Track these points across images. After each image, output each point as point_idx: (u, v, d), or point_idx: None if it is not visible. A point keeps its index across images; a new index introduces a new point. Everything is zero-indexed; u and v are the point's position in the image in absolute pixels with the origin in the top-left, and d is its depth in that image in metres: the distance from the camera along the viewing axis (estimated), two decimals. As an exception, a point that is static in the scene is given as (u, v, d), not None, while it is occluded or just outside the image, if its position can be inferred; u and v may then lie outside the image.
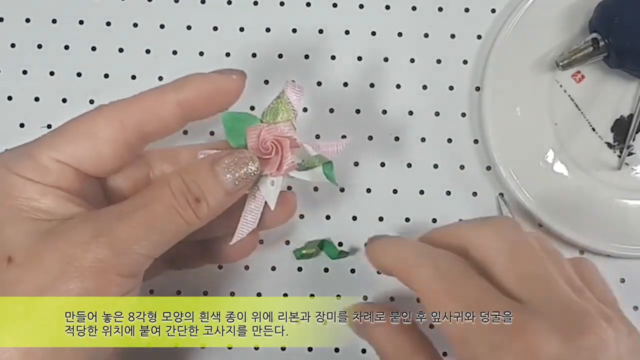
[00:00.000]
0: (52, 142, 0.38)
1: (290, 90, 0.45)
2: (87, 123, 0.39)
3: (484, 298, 0.36)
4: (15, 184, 0.36)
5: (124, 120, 0.39)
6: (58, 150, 0.37)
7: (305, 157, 0.46)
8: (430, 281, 0.37)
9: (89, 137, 0.38)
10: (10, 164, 0.37)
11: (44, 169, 0.37)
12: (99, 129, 0.38)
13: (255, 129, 0.44)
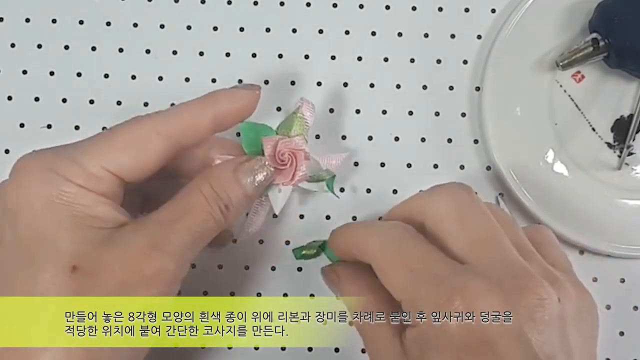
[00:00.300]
0: (100, 150, 0.38)
1: (305, 107, 0.50)
2: (133, 134, 0.40)
3: (427, 260, 0.37)
4: (69, 191, 0.37)
5: (168, 133, 0.40)
6: (107, 159, 0.38)
7: (315, 169, 0.50)
8: (377, 250, 0.39)
9: (136, 148, 0.39)
10: (59, 169, 0.37)
11: (95, 178, 0.37)
12: (146, 140, 0.40)
13: (271, 139, 0.48)
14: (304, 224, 0.54)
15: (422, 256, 0.38)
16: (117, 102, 0.55)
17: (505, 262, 0.37)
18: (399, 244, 0.39)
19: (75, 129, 0.55)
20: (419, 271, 0.37)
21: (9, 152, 0.55)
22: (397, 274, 0.38)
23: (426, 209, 0.41)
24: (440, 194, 0.42)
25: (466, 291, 0.35)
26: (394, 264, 0.38)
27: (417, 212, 0.42)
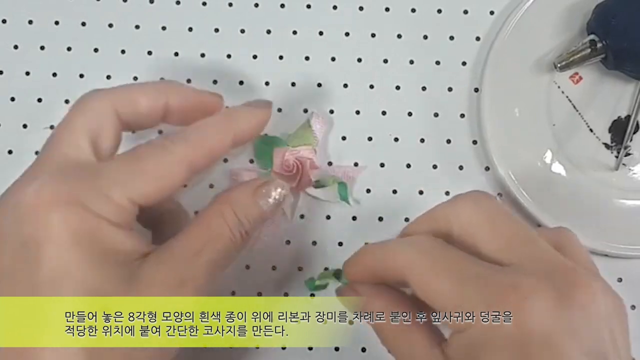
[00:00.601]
0: (126, 181, 0.38)
1: (315, 120, 0.53)
2: (160, 164, 0.39)
3: (467, 264, 0.36)
4: (97, 226, 0.36)
5: (192, 161, 0.40)
6: (134, 191, 0.37)
7: (320, 176, 0.54)
8: (412, 261, 0.37)
9: (162, 179, 0.39)
10: (88, 203, 0.36)
11: (122, 210, 0.37)
12: (173, 171, 0.39)
13: (281, 151, 0.53)
14: (305, 225, 0.54)
15: (461, 261, 0.36)
16: (119, 104, 0.55)
17: (547, 260, 0.36)
18: (435, 252, 0.37)
19: (78, 130, 0.55)
20: (462, 274, 0.36)
21: (12, 153, 0.55)
22: (438, 281, 0.36)
23: (452, 218, 0.39)
24: (464, 201, 0.40)
25: (518, 289, 0.34)
26: (434, 271, 0.36)
27: (442, 222, 0.40)
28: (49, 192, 0.36)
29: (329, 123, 0.55)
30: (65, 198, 0.35)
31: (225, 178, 0.55)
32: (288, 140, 0.54)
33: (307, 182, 0.53)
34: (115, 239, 0.36)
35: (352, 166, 0.55)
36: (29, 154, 0.55)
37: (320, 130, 0.54)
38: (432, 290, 0.36)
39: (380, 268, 0.40)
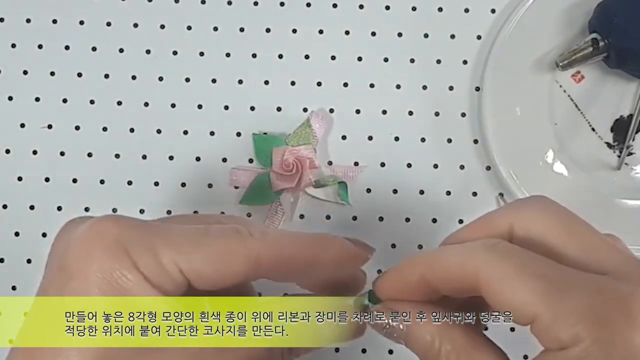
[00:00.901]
0: (182, 247, 0.34)
1: (315, 119, 0.54)
2: (226, 248, 0.35)
3: (563, 273, 0.31)
4: (131, 278, 0.33)
5: (259, 263, 0.35)
6: (186, 260, 0.34)
7: (319, 175, 0.54)
8: (492, 269, 0.32)
9: (221, 263, 0.35)
10: (132, 252, 0.33)
11: (165, 274, 0.33)
12: (236, 261, 0.35)
13: (280, 150, 0.53)
14: (305, 224, 0.54)
15: (553, 267, 0.32)
16: (117, 102, 0.55)
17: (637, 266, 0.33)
18: (519, 255, 0.32)
19: (76, 129, 0.55)
20: (558, 282, 0.31)
21: (10, 152, 0.55)
22: (527, 289, 0.30)
23: (518, 223, 0.35)
24: (530, 205, 0.36)
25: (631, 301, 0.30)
26: (521, 278, 0.31)
27: (502, 228, 0.36)
28: (100, 228, 0.34)
29: (328, 122, 0.55)
30: (114, 239, 0.33)
31: (225, 177, 0.54)
32: (287, 139, 0.54)
33: (306, 181, 0.53)
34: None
35: (352, 166, 0.55)
36: (27, 154, 0.55)
37: (320, 130, 0.54)
38: (519, 300, 0.31)
39: (439, 277, 0.35)
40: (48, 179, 0.55)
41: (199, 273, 0.34)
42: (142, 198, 0.55)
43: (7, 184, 0.55)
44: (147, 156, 0.55)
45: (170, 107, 0.55)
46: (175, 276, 0.33)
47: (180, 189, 0.55)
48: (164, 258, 0.33)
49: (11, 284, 0.55)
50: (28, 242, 0.55)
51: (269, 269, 0.36)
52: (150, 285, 0.33)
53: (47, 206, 0.55)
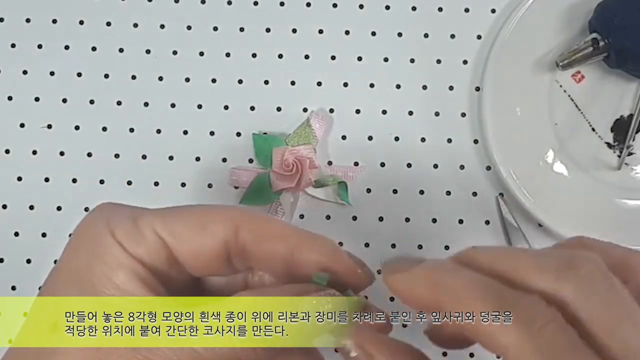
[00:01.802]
0: (162, 214, 0.35)
1: (315, 118, 0.54)
2: (204, 213, 0.35)
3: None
4: (103, 242, 0.34)
5: (240, 230, 0.35)
6: (164, 224, 0.34)
7: (319, 175, 0.54)
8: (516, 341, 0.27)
9: (198, 226, 0.35)
10: (113, 221, 0.35)
11: (138, 236, 0.34)
12: (213, 223, 0.35)
13: (280, 150, 0.53)
14: (304, 224, 0.54)
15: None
16: (117, 102, 0.55)
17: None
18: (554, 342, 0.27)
19: (75, 129, 0.55)
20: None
21: (9, 152, 0.55)
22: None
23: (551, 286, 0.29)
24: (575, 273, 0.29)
25: None
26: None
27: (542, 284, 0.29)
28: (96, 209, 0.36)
29: (328, 122, 0.55)
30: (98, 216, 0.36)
31: (225, 177, 0.54)
32: (287, 139, 0.54)
33: (306, 181, 0.53)
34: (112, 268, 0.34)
35: (352, 166, 0.55)
36: (27, 154, 0.55)
37: (320, 129, 0.54)
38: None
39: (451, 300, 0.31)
40: (48, 179, 0.55)
41: (175, 233, 0.34)
42: (142, 198, 0.55)
43: (6, 184, 0.55)
44: (147, 156, 0.55)
45: (170, 107, 0.55)
46: (150, 238, 0.34)
47: (180, 189, 0.55)
48: (141, 223, 0.34)
49: (11, 284, 0.55)
50: (28, 242, 0.55)
51: (248, 244, 0.35)
52: (120, 247, 0.34)
53: (46, 206, 0.55)
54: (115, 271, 0.34)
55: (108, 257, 0.34)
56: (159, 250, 0.35)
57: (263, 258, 0.36)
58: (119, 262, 0.34)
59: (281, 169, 0.53)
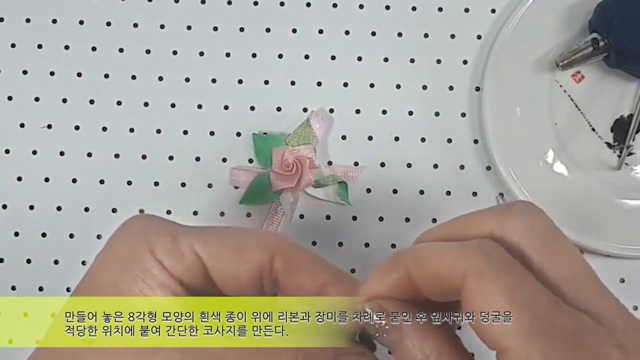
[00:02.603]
0: (201, 234, 0.35)
1: (315, 118, 0.54)
2: (243, 237, 0.36)
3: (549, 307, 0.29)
4: (144, 261, 0.34)
5: (275, 259, 0.35)
6: (203, 244, 0.35)
7: (319, 175, 0.54)
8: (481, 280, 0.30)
9: (236, 249, 0.35)
10: (151, 238, 0.35)
11: (178, 254, 0.34)
12: (250, 248, 0.35)
13: (280, 150, 0.53)
14: (304, 224, 0.54)
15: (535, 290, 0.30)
16: (117, 102, 0.55)
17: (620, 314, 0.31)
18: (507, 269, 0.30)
19: (75, 129, 0.55)
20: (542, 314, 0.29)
21: (9, 152, 0.55)
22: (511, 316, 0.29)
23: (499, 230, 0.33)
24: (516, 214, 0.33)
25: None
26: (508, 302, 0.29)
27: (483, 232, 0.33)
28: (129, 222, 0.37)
29: (328, 122, 0.55)
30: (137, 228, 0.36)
31: (225, 177, 0.54)
32: (287, 139, 0.54)
33: (306, 181, 0.53)
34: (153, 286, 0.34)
35: (352, 166, 0.55)
36: (27, 153, 0.55)
37: (320, 129, 0.54)
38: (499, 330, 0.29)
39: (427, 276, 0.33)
40: (48, 179, 0.55)
41: (214, 255, 0.35)
42: (142, 198, 0.55)
43: (6, 184, 0.55)
44: (147, 156, 0.55)
45: (170, 107, 0.55)
46: (189, 257, 0.34)
47: (180, 189, 0.55)
48: (181, 241, 0.35)
49: (11, 284, 0.55)
50: (28, 242, 0.55)
51: (280, 274, 0.36)
52: (161, 266, 0.34)
53: (46, 206, 0.55)
54: (154, 290, 0.34)
55: (147, 277, 0.34)
56: (197, 270, 0.35)
57: (291, 290, 0.36)
58: (159, 282, 0.34)
59: (281, 169, 0.53)
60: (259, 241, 0.36)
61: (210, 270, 0.35)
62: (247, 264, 0.35)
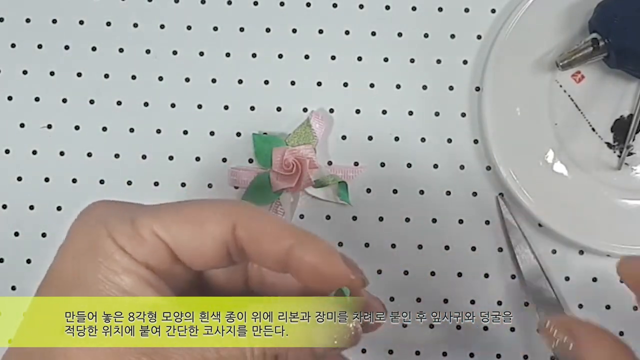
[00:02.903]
0: (160, 215, 0.35)
1: (315, 118, 0.54)
2: (201, 210, 0.35)
3: None
4: (105, 248, 0.34)
5: (236, 228, 0.35)
6: (162, 225, 0.34)
7: (319, 175, 0.54)
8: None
9: (196, 224, 0.35)
10: (110, 224, 0.34)
11: (139, 239, 0.34)
12: (210, 222, 0.35)
13: (280, 150, 0.53)
14: (304, 224, 0.54)
15: None
16: (117, 102, 0.55)
17: None
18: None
19: (75, 129, 0.55)
20: None
21: (9, 152, 0.55)
22: None
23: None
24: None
25: None
26: None
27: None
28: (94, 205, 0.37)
29: (328, 122, 0.55)
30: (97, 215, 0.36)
31: (225, 177, 0.54)
32: (287, 139, 0.54)
33: (306, 181, 0.53)
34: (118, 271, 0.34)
35: (352, 166, 0.55)
36: (27, 153, 0.55)
37: (320, 129, 0.54)
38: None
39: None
40: (48, 179, 0.55)
41: (175, 234, 0.34)
42: (141, 198, 0.54)
43: (6, 184, 0.55)
44: (147, 156, 0.55)
45: (170, 107, 0.55)
46: (149, 239, 0.34)
47: (180, 189, 0.55)
48: (139, 225, 0.34)
49: (11, 284, 0.55)
50: (28, 242, 0.55)
51: (245, 242, 0.35)
52: (121, 251, 0.34)
53: (46, 206, 0.55)
54: (120, 275, 0.34)
55: (111, 263, 0.34)
56: (160, 251, 0.35)
57: (258, 257, 0.36)
58: (123, 268, 0.34)
59: (281, 169, 0.53)
60: (218, 212, 0.35)
61: (174, 250, 0.35)
62: (210, 239, 0.35)
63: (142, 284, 0.34)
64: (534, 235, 0.54)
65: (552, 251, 0.54)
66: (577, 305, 0.54)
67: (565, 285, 0.54)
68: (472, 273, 0.54)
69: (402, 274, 0.54)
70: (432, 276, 0.54)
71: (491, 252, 0.54)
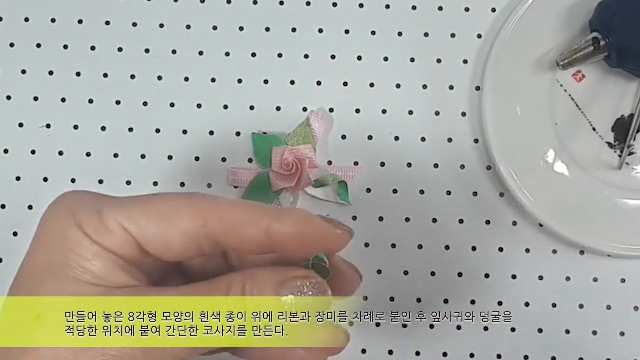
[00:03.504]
0: (128, 207, 0.35)
1: (315, 118, 0.54)
2: (171, 206, 0.35)
3: None
4: (73, 237, 0.34)
5: (208, 222, 0.35)
6: (129, 218, 0.35)
7: (319, 175, 0.54)
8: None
9: (164, 220, 0.35)
10: (78, 215, 0.35)
11: (105, 230, 0.34)
12: (179, 218, 0.35)
13: (280, 149, 0.53)
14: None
15: None
16: (116, 102, 0.55)
17: None
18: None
19: (75, 128, 0.55)
20: None
21: (8, 152, 0.55)
22: None
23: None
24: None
25: None
26: None
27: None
28: (65, 195, 0.37)
29: (328, 122, 0.55)
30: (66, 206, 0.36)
31: (225, 177, 0.54)
32: (287, 139, 0.54)
33: (306, 181, 0.53)
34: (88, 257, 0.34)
35: (352, 166, 0.54)
36: (25, 153, 0.55)
37: (320, 129, 0.54)
38: None
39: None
40: (46, 179, 0.55)
41: (142, 231, 0.35)
42: (141, 198, 0.54)
43: (5, 184, 0.55)
44: (146, 156, 0.55)
45: (169, 107, 0.55)
46: (116, 231, 0.34)
47: (180, 189, 0.55)
48: (108, 218, 0.34)
49: (10, 284, 0.54)
50: (27, 242, 0.54)
51: (219, 235, 0.35)
52: (89, 238, 0.34)
53: (45, 206, 0.54)
54: (91, 262, 0.34)
55: (81, 250, 0.34)
56: (127, 243, 0.35)
57: (238, 245, 0.36)
58: (93, 254, 0.34)
59: (281, 169, 0.53)
60: (188, 207, 0.35)
61: (141, 243, 0.35)
62: (179, 233, 0.35)
63: (114, 268, 0.34)
64: (534, 235, 0.54)
65: (553, 251, 0.54)
66: (577, 305, 0.54)
67: (566, 285, 0.54)
68: (472, 273, 0.54)
69: (402, 274, 0.54)
70: (432, 276, 0.54)
71: (491, 252, 0.54)
